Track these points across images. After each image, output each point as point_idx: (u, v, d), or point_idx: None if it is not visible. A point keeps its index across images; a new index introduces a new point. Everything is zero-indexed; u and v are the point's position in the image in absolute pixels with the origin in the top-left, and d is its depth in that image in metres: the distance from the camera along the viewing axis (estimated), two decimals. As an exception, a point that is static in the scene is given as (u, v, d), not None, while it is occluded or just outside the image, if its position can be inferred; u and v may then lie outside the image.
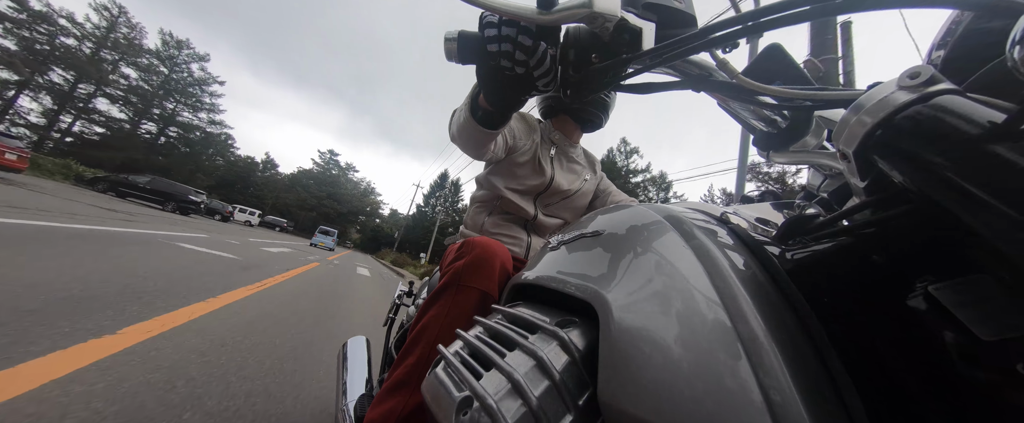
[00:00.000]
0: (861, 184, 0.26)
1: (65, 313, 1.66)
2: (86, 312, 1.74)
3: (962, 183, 0.19)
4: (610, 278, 0.34)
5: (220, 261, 4.43)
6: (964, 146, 0.19)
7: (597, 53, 0.42)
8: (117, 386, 1.23)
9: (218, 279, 3.37)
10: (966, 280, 0.23)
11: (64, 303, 1.76)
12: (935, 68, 0.24)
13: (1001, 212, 0.17)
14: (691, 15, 0.41)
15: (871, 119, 0.23)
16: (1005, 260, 0.20)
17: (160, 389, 1.29)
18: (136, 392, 1.23)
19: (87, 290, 2.03)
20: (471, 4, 0.39)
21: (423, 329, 0.63)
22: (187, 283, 2.85)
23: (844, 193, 0.36)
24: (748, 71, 0.41)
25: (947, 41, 0.30)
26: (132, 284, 2.39)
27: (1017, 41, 0.18)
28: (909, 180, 0.22)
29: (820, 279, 0.27)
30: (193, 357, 1.62)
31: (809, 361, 0.22)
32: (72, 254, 2.73)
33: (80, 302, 1.84)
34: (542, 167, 1.03)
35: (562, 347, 0.31)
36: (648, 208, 0.40)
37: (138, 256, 3.38)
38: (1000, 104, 0.20)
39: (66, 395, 1.11)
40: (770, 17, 0.29)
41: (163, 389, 1.30)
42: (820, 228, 0.29)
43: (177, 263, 3.58)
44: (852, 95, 0.28)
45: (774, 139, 0.41)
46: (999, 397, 0.20)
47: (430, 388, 0.35)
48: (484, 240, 0.68)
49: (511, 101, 0.54)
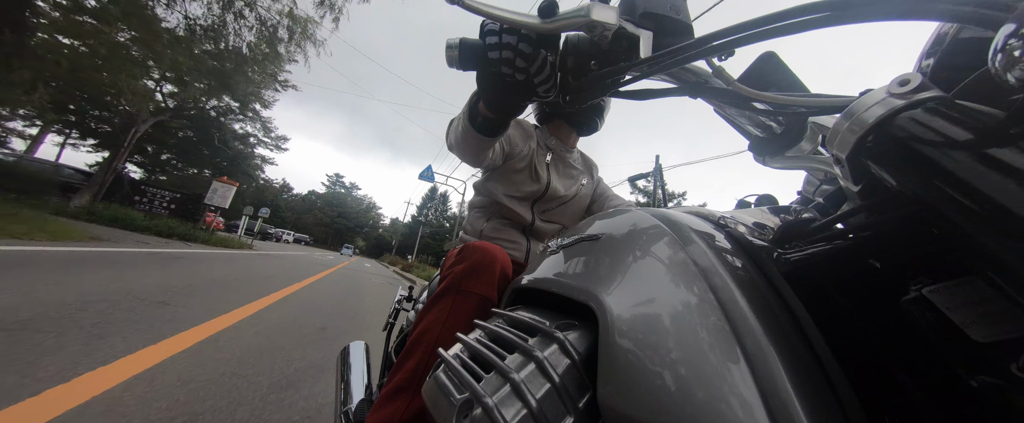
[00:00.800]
0: (855, 189, 0.27)
1: (272, 281, 5.43)
2: (274, 282, 5.30)
3: (952, 187, 0.19)
4: (609, 281, 0.34)
5: (310, 260, 11.03)
6: (953, 151, 0.20)
7: (596, 60, 0.43)
8: (309, 298, 4.54)
9: (317, 267, 8.95)
10: (959, 283, 0.23)
11: (266, 280, 5.40)
12: (924, 76, 0.24)
13: (991, 216, 0.18)
14: (687, 24, 0.42)
15: (862, 125, 0.24)
16: (997, 263, 0.20)
17: (315, 301, 4.49)
18: (314, 297, 4.75)
19: (266, 276, 5.91)
20: (473, 12, 0.39)
21: (423, 333, 0.63)
22: (302, 270, 8.01)
23: (839, 198, 0.37)
24: (743, 78, 0.41)
25: (936, 50, 0.31)
26: (278, 273, 6.63)
27: (998, 50, 0.18)
28: (901, 185, 0.22)
29: (816, 282, 0.27)
30: (329, 288, 6.07)
31: (806, 363, 0.23)
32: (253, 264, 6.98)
33: (270, 278, 5.71)
34: (538, 173, 1.04)
35: (562, 350, 0.32)
36: (646, 212, 0.40)
37: (262, 263, 8.06)
38: (987, 110, 0.21)
39: (297, 296, 4.49)
40: (763, 28, 0.30)
41: (318, 301, 4.54)
42: (816, 232, 0.30)
43: (282, 265, 8.62)
44: (844, 102, 0.29)
45: (769, 145, 0.42)
46: (993, 398, 0.21)
47: (430, 392, 0.35)
48: (484, 245, 0.68)
49: (511, 107, 0.55)
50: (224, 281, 4.31)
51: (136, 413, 1.30)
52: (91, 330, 1.90)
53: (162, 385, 1.54)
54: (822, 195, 0.41)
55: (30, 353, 1.53)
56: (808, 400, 0.21)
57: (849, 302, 0.26)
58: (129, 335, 1.95)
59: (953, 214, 0.19)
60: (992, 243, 0.18)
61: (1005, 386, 0.20)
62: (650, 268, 0.32)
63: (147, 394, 1.44)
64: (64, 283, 2.66)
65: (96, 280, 2.96)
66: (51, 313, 2.00)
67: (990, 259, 0.20)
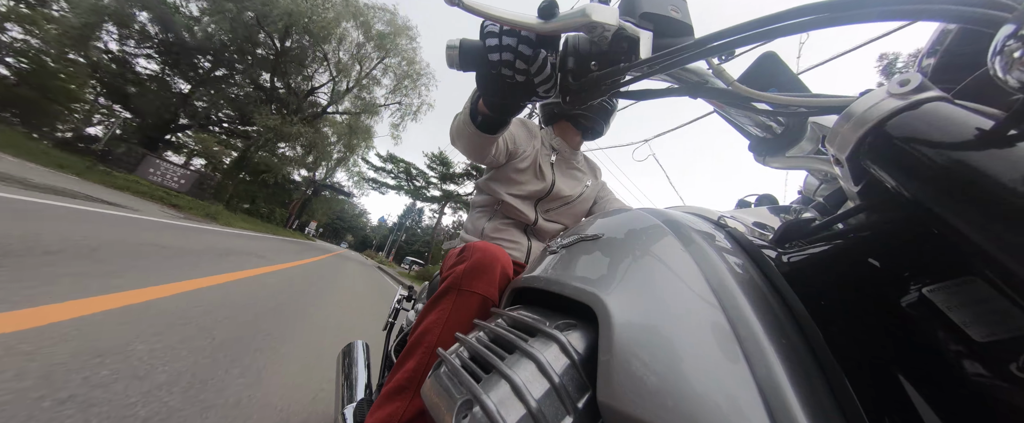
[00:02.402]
0: (855, 189, 0.27)
1: (319, 250, 16.52)
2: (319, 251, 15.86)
3: (951, 187, 0.19)
4: (609, 281, 0.34)
5: (326, 247, 26.62)
6: (952, 151, 0.20)
7: (596, 61, 0.43)
8: (313, 269, 7.23)
9: (332, 249, 27.46)
10: (959, 282, 0.23)
11: (319, 250, 16.52)
12: (924, 76, 0.24)
13: (990, 216, 0.18)
14: (687, 24, 0.42)
15: (862, 126, 0.24)
16: (996, 263, 0.20)
17: (316, 271, 7.05)
18: (317, 269, 7.59)
19: (322, 249, 19.84)
20: (473, 14, 0.39)
21: (423, 333, 0.63)
22: (328, 249, 24.04)
23: (839, 197, 0.37)
24: (744, 78, 0.41)
25: (936, 50, 0.31)
26: (322, 248, 22.81)
27: (998, 52, 0.18)
28: (900, 185, 0.22)
29: (816, 282, 0.27)
30: (336, 257, 15.17)
31: (806, 363, 0.23)
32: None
33: (320, 250, 17.49)
34: (543, 172, 1.04)
35: (562, 350, 0.32)
36: (647, 213, 0.40)
37: (317, 245, 25.23)
38: (986, 110, 0.21)
39: (302, 268, 6.74)
40: (763, 29, 0.30)
41: (319, 271, 7.29)
42: (816, 232, 0.30)
43: (321, 247, 22.88)
44: (844, 102, 0.29)
45: (770, 145, 0.42)
46: (992, 396, 0.21)
47: (430, 391, 0.35)
48: (485, 245, 0.68)
49: (510, 107, 0.55)
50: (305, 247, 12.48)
51: (277, 279, 4.14)
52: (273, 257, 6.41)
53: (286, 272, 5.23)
54: (822, 195, 0.41)
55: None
56: (807, 399, 0.21)
57: (849, 302, 0.26)
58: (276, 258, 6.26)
59: (953, 214, 0.19)
60: (991, 243, 0.18)
61: (1005, 385, 0.20)
62: (650, 268, 0.32)
63: (285, 273, 4.97)
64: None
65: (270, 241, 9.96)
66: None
67: (990, 259, 0.20)
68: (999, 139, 0.19)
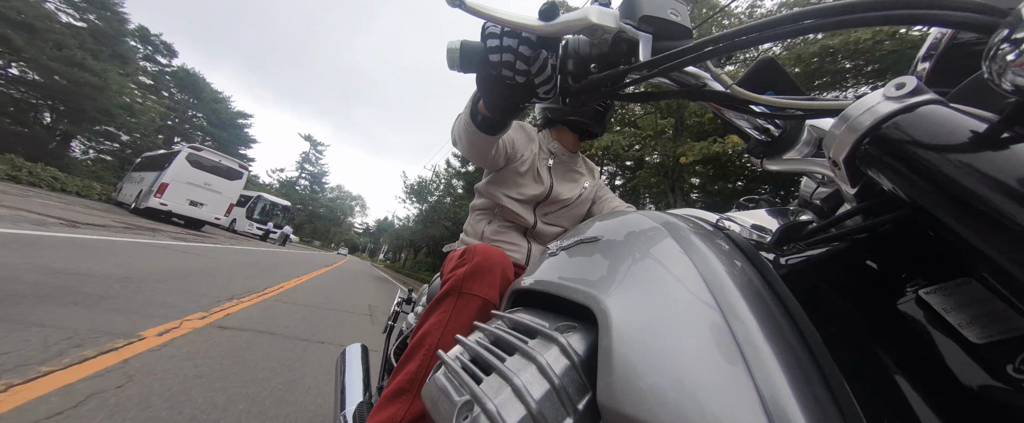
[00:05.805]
0: (852, 191, 0.27)
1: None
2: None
3: (947, 190, 0.19)
4: (609, 283, 0.34)
5: (332, 256, 29.25)
6: (948, 154, 0.20)
7: (596, 64, 0.43)
8: (319, 283, 7.02)
9: (333, 259, 22.65)
10: (955, 284, 0.23)
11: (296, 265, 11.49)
12: (919, 79, 0.25)
13: (985, 217, 0.18)
14: (687, 27, 0.42)
15: (859, 129, 0.24)
16: (992, 265, 0.20)
17: (332, 281, 8.22)
18: (329, 280, 8.12)
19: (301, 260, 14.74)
20: (474, 15, 0.40)
21: (424, 336, 0.63)
22: (317, 263, 13.85)
23: (837, 200, 0.37)
24: (743, 82, 0.42)
25: (932, 53, 0.31)
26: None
27: (991, 56, 0.19)
28: (896, 187, 0.22)
29: (815, 284, 0.27)
30: (336, 279, 9.24)
31: (804, 364, 0.23)
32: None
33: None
34: (541, 177, 1.04)
35: (562, 352, 0.32)
36: (646, 215, 0.40)
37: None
38: (981, 113, 0.21)
39: (315, 280, 7.38)
40: (761, 33, 0.30)
41: (334, 282, 8.23)
42: (814, 234, 0.30)
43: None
44: (841, 105, 0.29)
45: (768, 147, 0.42)
46: (989, 397, 0.21)
47: (430, 393, 0.35)
48: (485, 247, 0.68)
49: (511, 108, 0.56)
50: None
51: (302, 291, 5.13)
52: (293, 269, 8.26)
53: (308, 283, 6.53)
54: (820, 197, 0.42)
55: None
56: (806, 401, 0.21)
57: (847, 303, 0.26)
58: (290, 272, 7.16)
59: (948, 216, 0.20)
60: (987, 245, 0.18)
61: (1001, 386, 0.20)
62: (649, 270, 0.32)
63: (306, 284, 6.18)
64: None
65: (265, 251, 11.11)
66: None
67: (985, 260, 0.20)
68: (994, 141, 0.19)
